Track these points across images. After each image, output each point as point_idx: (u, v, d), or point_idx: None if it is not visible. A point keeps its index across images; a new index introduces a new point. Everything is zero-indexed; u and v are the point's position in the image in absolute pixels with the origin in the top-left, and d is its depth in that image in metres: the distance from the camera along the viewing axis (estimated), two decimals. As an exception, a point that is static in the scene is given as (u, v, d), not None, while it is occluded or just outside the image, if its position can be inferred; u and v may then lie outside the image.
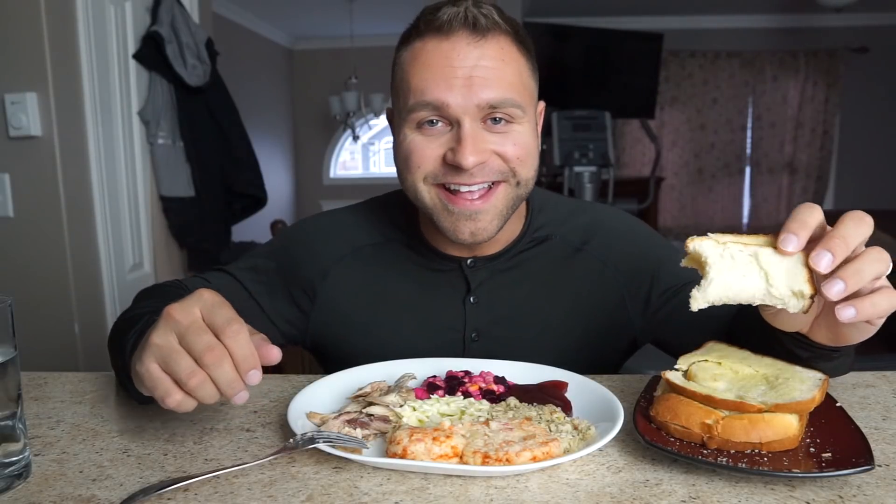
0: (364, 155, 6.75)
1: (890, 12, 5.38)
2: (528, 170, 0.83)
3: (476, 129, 0.79)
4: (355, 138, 5.77)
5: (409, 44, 0.82)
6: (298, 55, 6.26)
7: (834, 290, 0.53)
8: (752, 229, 5.96)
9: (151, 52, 2.14)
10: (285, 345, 0.98)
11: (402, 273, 0.93)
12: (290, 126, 6.30)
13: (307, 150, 6.44)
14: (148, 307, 0.80)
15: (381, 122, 6.40)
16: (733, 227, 5.97)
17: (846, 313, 0.54)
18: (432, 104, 0.78)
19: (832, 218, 0.60)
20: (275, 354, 0.59)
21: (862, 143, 5.71)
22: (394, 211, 0.96)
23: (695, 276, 0.89)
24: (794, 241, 0.58)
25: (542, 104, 0.90)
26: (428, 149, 0.80)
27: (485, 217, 0.82)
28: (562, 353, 0.89)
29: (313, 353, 1.02)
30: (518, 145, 0.81)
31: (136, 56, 2.12)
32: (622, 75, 4.47)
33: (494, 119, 0.79)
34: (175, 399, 0.57)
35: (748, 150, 5.86)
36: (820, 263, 0.55)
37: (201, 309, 0.59)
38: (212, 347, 0.56)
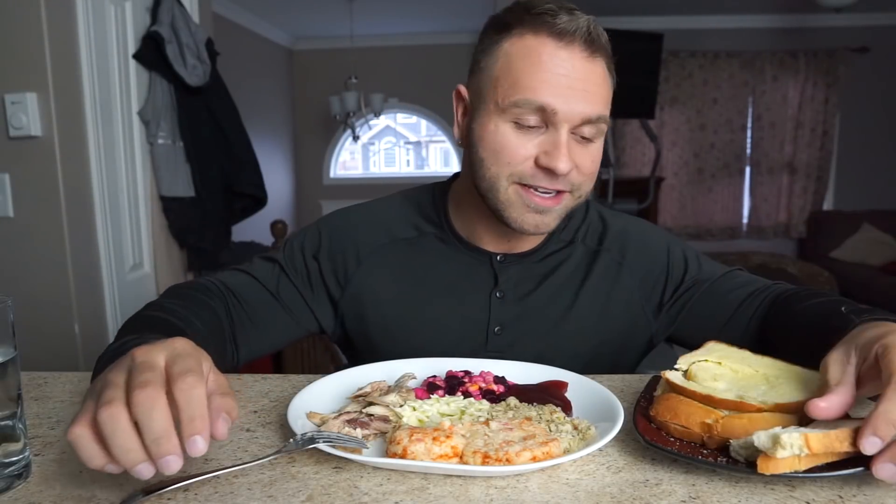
0: (364, 155, 6.75)
1: (890, 12, 5.37)
2: (592, 183, 0.88)
3: (569, 137, 0.82)
4: (355, 138, 5.76)
5: (516, 34, 0.82)
6: (298, 55, 6.26)
7: (868, 447, 0.51)
8: (752, 229, 5.96)
9: (151, 52, 2.14)
10: (312, 335, 1.00)
11: (433, 266, 0.96)
12: (290, 126, 6.30)
13: (307, 150, 6.43)
14: (159, 310, 0.78)
15: (381, 122, 6.40)
16: (733, 227, 5.97)
17: (885, 473, 0.51)
18: (542, 106, 0.80)
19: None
20: (223, 431, 0.50)
21: (862, 143, 5.70)
22: (427, 205, 0.99)
23: (708, 272, 0.94)
24: (878, 445, 0.51)
25: None
26: (522, 148, 0.82)
27: (551, 215, 0.86)
28: (582, 351, 0.93)
29: (338, 344, 1.03)
30: (594, 161, 0.86)
31: (136, 56, 2.12)
32: (622, 75, 4.44)
33: (583, 133, 0.83)
34: (95, 464, 0.48)
35: (748, 150, 5.86)
36: (869, 449, 0.51)
37: (167, 355, 0.53)
38: (145, 385, 0.48)
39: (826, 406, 0.55)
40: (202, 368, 0.53)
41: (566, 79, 0.80)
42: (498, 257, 0.95)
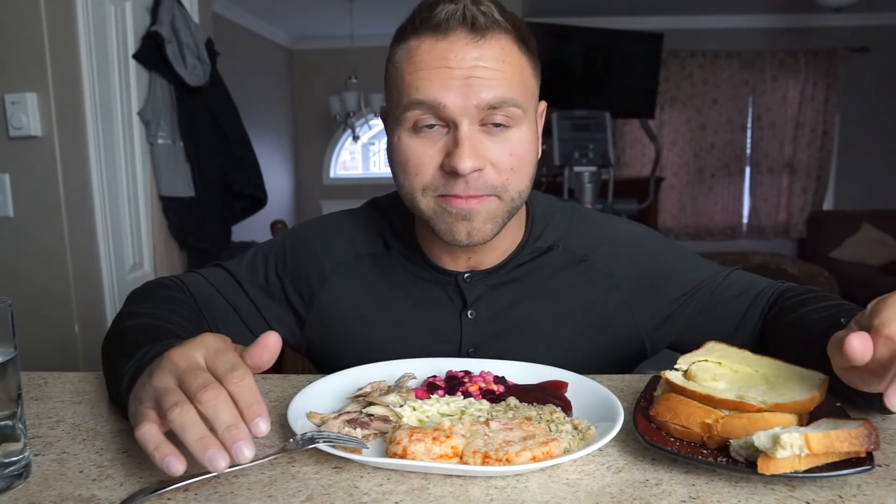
0: (364, 155, 6.75)
1: (890, 12, 5.38)
2: (523, 180, 0.80)
3: (474, 131, 0.76)
4: (355, 138, 5.76)
5: (404, 41, 0.78)
6: (298, 55, 6.26)
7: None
8: (752, 229, 5.96)
9: (151, 52, 2.14)
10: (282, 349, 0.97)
11: (399, 284, 0.92)
12: (290, 126, 6.30)
13: (307, 150, 6.43)
14: (143, 317, 0.78)
15: (381, 122, 6.39)
16: (733, 227, 5.97)
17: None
18: (428, 104, 0.75)
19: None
20: (268, 419, 0.53)
21: (862, 142, 5.70)
22: (395, 216, 0.95)
23: (707, 278, 0.89)
24: None
25: (543, 104, 0.87)
26: (425, 155, 0.77)
27: (478, 218, 0.79)
28: (563, 366, 0.87)
29: (308, 358, 1.01)
30: (514, 154, 0.78)
31: (136, 56, 2.12)
32: (622, 75, 4.46)
33: (494, 123, 0.76)
34: (162, 453, 0.51)
35: (748, 150, 5.86)
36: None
37: (204, 355, 0.56)
38: (207, 385, 0.52)
39: (859, 342, 0.51)
40: (241, 359, 0.56)
41: (448, 70, 0.74)
42: (465, 276, 0.89)
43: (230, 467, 0.51)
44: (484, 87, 0.74)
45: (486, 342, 0.89)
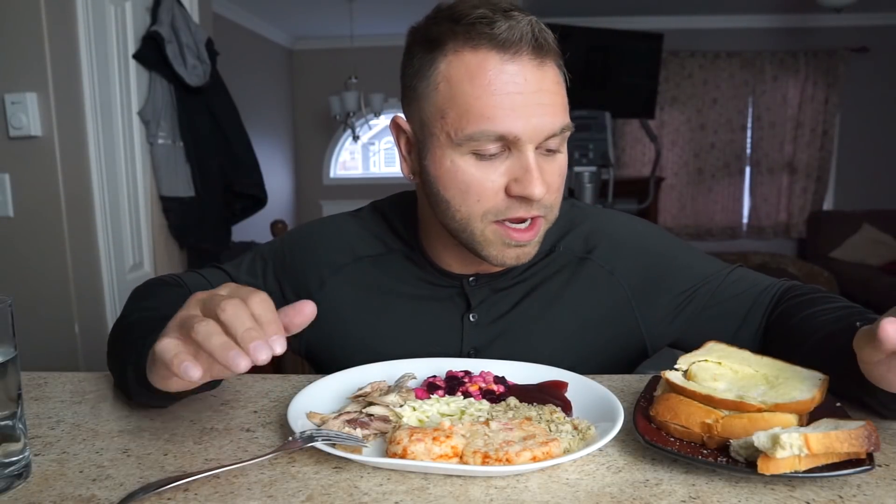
0: (364, 155, 6.75)
1: (890, 12, 5.37)
2: (559, 198, 0.81)
3: (537, 156, 0.75)
4: (355, 138, 5.76)
5: (454, 53, 0.73)
6: (298, 55, 6.26)
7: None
8: (752, 229, 5.96)
9: (151, 52, 2.14)
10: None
11: (400, 287, 0.91)
12: (290, 126, 6.30)
13: (307, 150, 6.43)
14: (148, 311, 0.79)
15: (381, 122, 6.39)
16: (733, 227, 5.97)
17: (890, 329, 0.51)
18: (499, 134, 0.72)
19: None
20: (284, 340, 0.56)
21: (862, 143, 5.71)
22: (396, 219, 0.94)
23: (709, 275, 0.88)
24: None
25: None
26: (488, 181, 0.75)
27: (531, 245, 0.80)
28: (564, 366, 0.86)
29: (308, 361, 1.01)
30: (561, 175, 0.79)
31: (136, 56, 2.12)
32: (622, 75, 4.46)
33: (549, 147, 0.76)
34: (180, 359, 0.54)
35: (748, 150, 5.86)
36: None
37: (227, 290, 0.59)
38: (230, 299, 0.55)
39: (894, 328, 0.50)
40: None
41: (521, 97, 0.71)
42: (470, 279, 0.88)
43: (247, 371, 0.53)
44: (548, 115, 0.73)
45: (487, 344, 0.89)
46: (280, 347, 0.54)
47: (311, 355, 0.98)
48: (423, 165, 0.79)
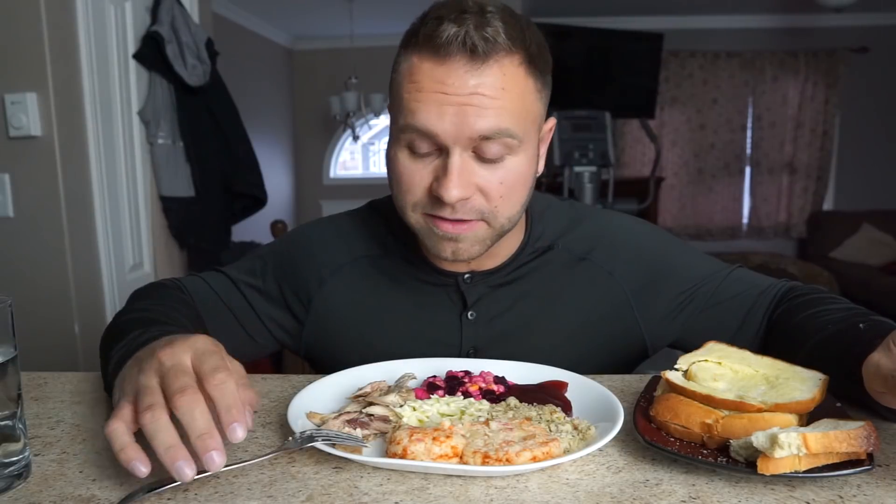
0: (364, 155, 6.75)
1: (890, 12, 5.37)
2: (513, 207, 0.79)
3: (465, 160, 0.74)
4: (355, 138, 5.76)
5: (407, 52, 0.76)
6: (298, 55, 6.26)
7: None
8: (752, 229, 5.96)
9: (151, 52, 2.14)
10: (281, 350, 0.98)
11: (399, 286, 0.91)
12: (290, 126, 6.30)
13: (307, 150, 6.43)
14: (140, 311, 0.79)
15: (381, 122, 6.39)
16: (733, 228, 5.97)
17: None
18: (421, 131, 0.73)
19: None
20: (249, 422, 0.54)
21: (862, 143, 5.70)
22: (393, 219, 0.93)
23: (709, 275, 0.89)
24: None
25: (551, 121, 0.85)
26: (417, 175, 0.77)
27: (465, 241, 0.79)
28: (563, 367, 0.86)
29: (308, 361, 1.01)
30: (505, 183, 0.76)
31: (136, 56, 2.12)
32: (622, 75, 4.46)
33: (484, 152, 0.74)
34: (128, 455, 0.51)
35: (748, 150, 5.86)
36: None
37: (192, 356, 0.56)
38: (184, 390, 0.52)
39: None
40: (227, 363, 0.57)
41: (445, 97, 0.72)
42: (465, 276, 0.88)
43: (198, 474, 0.51)
44: (479, 117, 0.72)
45: (486, 343, 0.89)
46: (241, 435, 0.52)
47: (310, 355, 0.99)
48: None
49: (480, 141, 0.73)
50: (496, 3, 0.75)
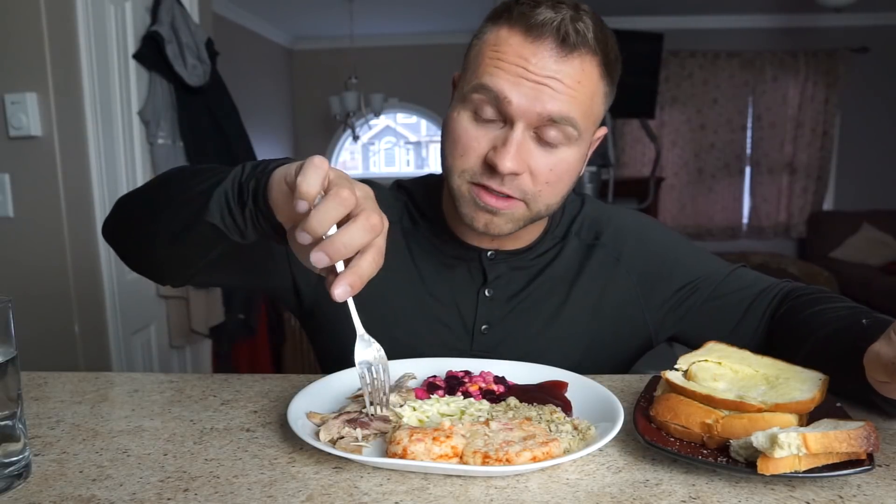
0: (364, 155, 6.75)
1: (890, 12, 5.37)
2: (555, 196, 0.82)
3: (525, 138, 0.77)
4: (355, 138, 5.76)
5: (496, 24, 0.78)
6: (298, 55, 6.26)
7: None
8: (752, 229, 5.96)
9: (151, 52, 2.14)
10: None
11: (422, 258, 0.93)
12: (290, 126, 6.30)
13: (307, 150, 6.43)
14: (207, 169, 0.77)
15: (381, 121, 6.40)
16: (733, 228, 5.97)
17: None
18: (495, 93, 0.75)
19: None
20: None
21: (862, 143, 5.70)
22: (419, 195, 0.96)
23: (712, 270, 0.90)
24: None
25: (603, 130, 0.88)
26: (475, 141, 0.78)
27: (501, 218, 0.81)
28: (571, 351, 0.89)
29: (307, 318, 0.98)
30: (555, 170, 0.79)
31: (136, 56, 2.12)
32: (622, 75, 4.45)
33: (546, 135, 0.77)
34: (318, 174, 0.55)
35: (748, 150, 5.85)
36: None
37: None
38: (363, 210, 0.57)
39: None
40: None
41: (527, 73, 0.75)
42: (489, 254, 0.91)
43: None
44: (552, 99, 0.75)
45: (499, 321, 0.90)
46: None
47: (314, 311, 0.95)
48: (446, 115, 0.84)
49: (545, 123, 0.76)
50: (588, 6, 0.79)
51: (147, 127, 2.17)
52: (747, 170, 5.90)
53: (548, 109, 0.75)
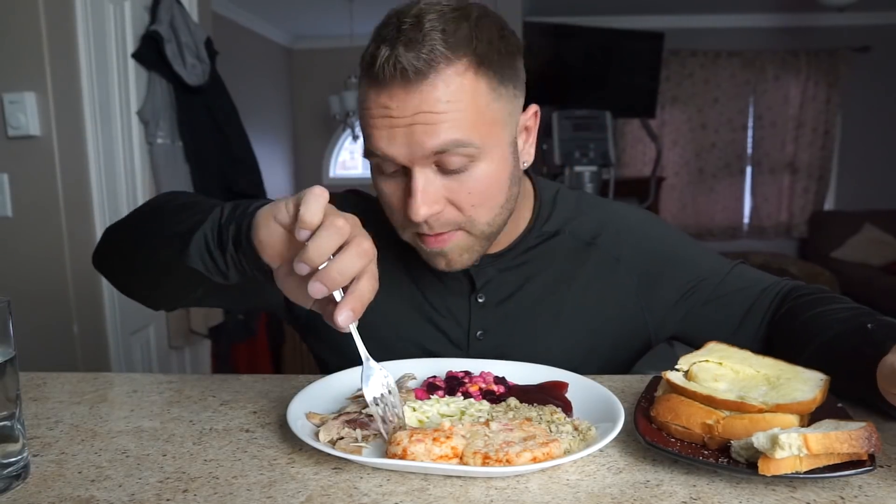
0: (364, 155, 6.74)
1: (891, 12, 5.37)
2: (490, 212, 0.78)
3: (428, 176, 0.74)
4: (355, 138, 5.76)
5: (360, 80, 0.76)
6: (298, 55, 6.25)
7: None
8: (753, 229, 5.95)
9: (150, 52, 2.14)
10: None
11: (409, 269, 0.92)
12: (289, 126, 6.30)
13: (307, 149, 6.43)
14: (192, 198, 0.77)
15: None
16: (734, 227, 5.97)
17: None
18: (379, 154, 0.74)
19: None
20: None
21: (863, 142, 5.70)
22: None
23: (713, 269, 0.89)
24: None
25: (532, 108, 0.83)
26: (393, 196, 0.78)
27: (452, 253, 0.80)
28: (570, 353, 0.88)
29: (305, 332, 0.98)
30: (474, 192, 0.75)
31: (136, 55, 2.12)
32: (623, 75, 4.45)
33: (446, 165, 0.73)
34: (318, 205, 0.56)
35: (749, 150, 5.85)
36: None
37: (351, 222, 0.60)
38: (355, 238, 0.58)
39: None
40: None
41: (393, 120, 0.72)
42: None
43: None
44: (427, 135, 0.71)
45: (494, 326, 0.89)
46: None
47: (309, 326, 0.96)
48: None
49: (437, 156, 0.73)
50: (438, 6, 0.72)
51: (146, 126, 2.17)
52: (748, 169, 5.89)
53: (429, 146, 0.71)
